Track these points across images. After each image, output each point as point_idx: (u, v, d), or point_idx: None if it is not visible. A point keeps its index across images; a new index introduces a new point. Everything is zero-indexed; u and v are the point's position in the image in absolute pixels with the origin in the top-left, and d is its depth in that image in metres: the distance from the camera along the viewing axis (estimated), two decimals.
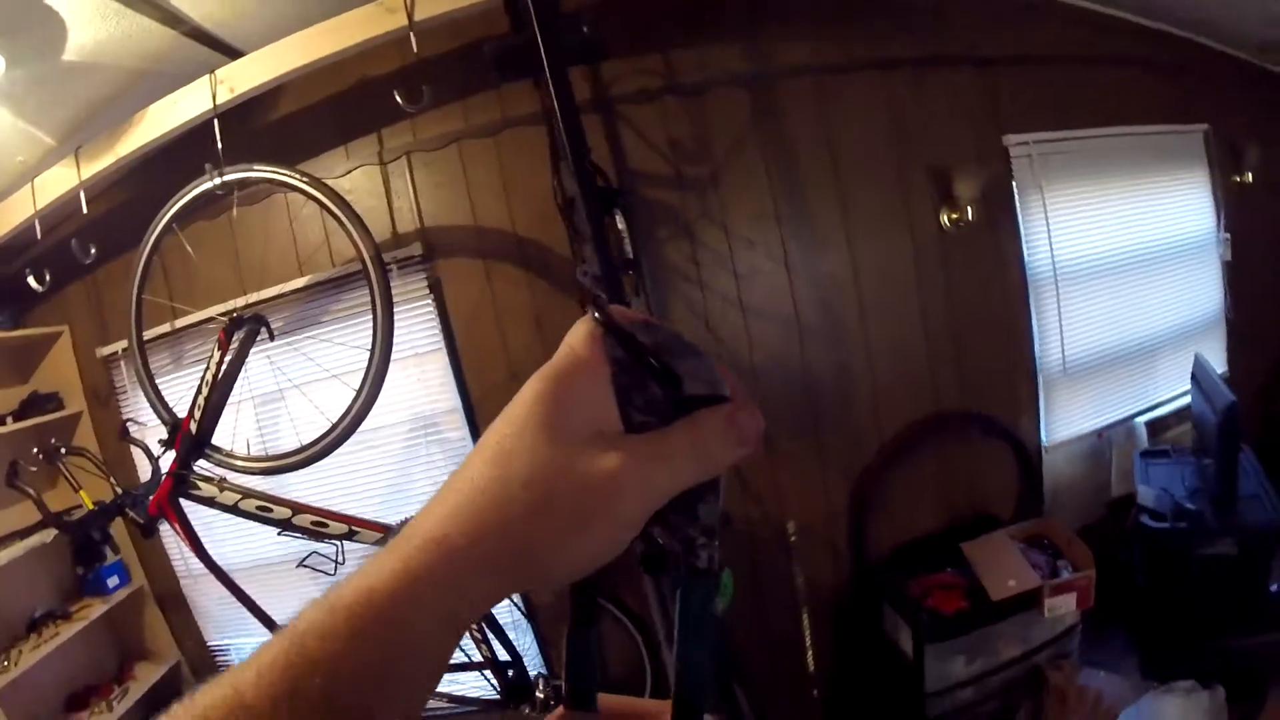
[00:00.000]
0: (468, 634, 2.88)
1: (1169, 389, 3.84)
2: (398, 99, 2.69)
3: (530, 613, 3.33)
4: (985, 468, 3.52)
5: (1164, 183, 3.83)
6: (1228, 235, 3.94)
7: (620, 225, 2.98)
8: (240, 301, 3.19)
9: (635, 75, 3.10)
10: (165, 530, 2.86)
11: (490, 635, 2.89)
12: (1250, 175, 4.01)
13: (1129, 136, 3.64)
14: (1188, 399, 3.58)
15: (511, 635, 2.95)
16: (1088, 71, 3.57)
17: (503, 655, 2.91)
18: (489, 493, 0.39)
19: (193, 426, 2.75)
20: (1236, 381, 3.47)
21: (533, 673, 3.01)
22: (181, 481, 2.74)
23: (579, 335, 0.43)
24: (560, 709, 0.45)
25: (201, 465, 2.79)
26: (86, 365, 3.58)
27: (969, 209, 3.27)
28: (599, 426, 0.40)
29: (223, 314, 3.12)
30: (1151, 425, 3.75)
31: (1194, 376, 3.34)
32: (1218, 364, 3.85)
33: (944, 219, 3.32)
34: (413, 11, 2.61)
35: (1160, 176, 3.81)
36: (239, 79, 2.80)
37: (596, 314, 0.43)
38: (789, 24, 3.16)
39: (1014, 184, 3.40)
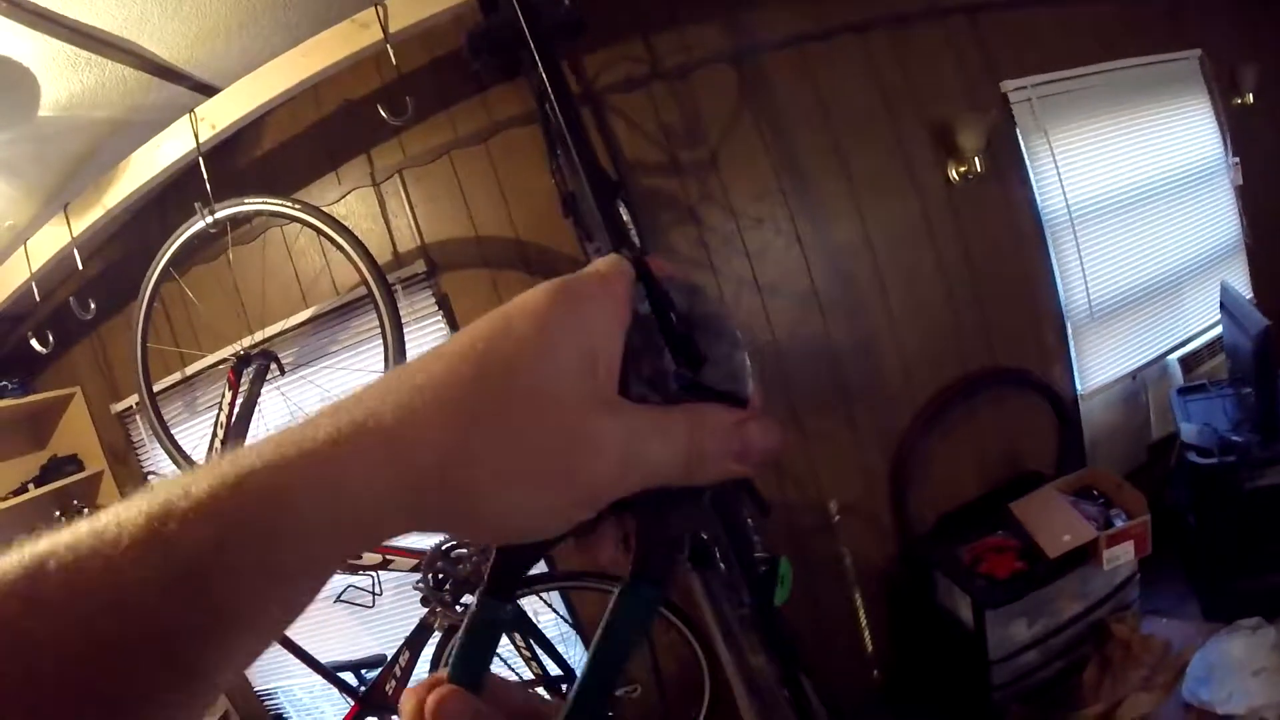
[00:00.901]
0: (516, 651, 2.82)
1: (1198, 322, 3.76)
2: (382, 113, 2.63)
3: (577, 624, 3.27)
4: (1023, 424, 3.44)
5: (1166, 112, 3.73)
6: (1237, 159, 3.84)
7: (624, 216, 2.92)
8: (247, 341, 3.13)
9: (619, 63, 3.04)
10: None
11: (539, 650, 2.84)
12: (1251, 97, 3.91)
13: (1126, 70, 3.55)
14: (1218, 330, 3.50)
15: (560, 648, 2.90)
16: (1078, 8, 3.48)
17: (554, 670, 2.85)
18: (446, 394, 0.31)
19: None
20: (1263, 306, 3.38)
21: None
22: None
23: (610, 263, 0.37)
24: (438, 676, 0.37)
25: None
26: (102, 423, 3.53)
27: (975, 161, 3.20)
28: (596, 373, 0.33)
29: (231, 356, 3.07)
30: (1185, 361, 3.67)
31: (1223, 305, 3.25)
32: (1244, 291, 3.76)
33: (951, 173, 3.24)
34: (386, 24, 2.55)
35: (1162, 106, 3.71)
36: (219, 115, 2.74)
37: (628, 252, 0.37)
38: None
39: (1017, 130, 3.32)
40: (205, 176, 2.74)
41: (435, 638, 2.74)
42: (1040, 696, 2.89)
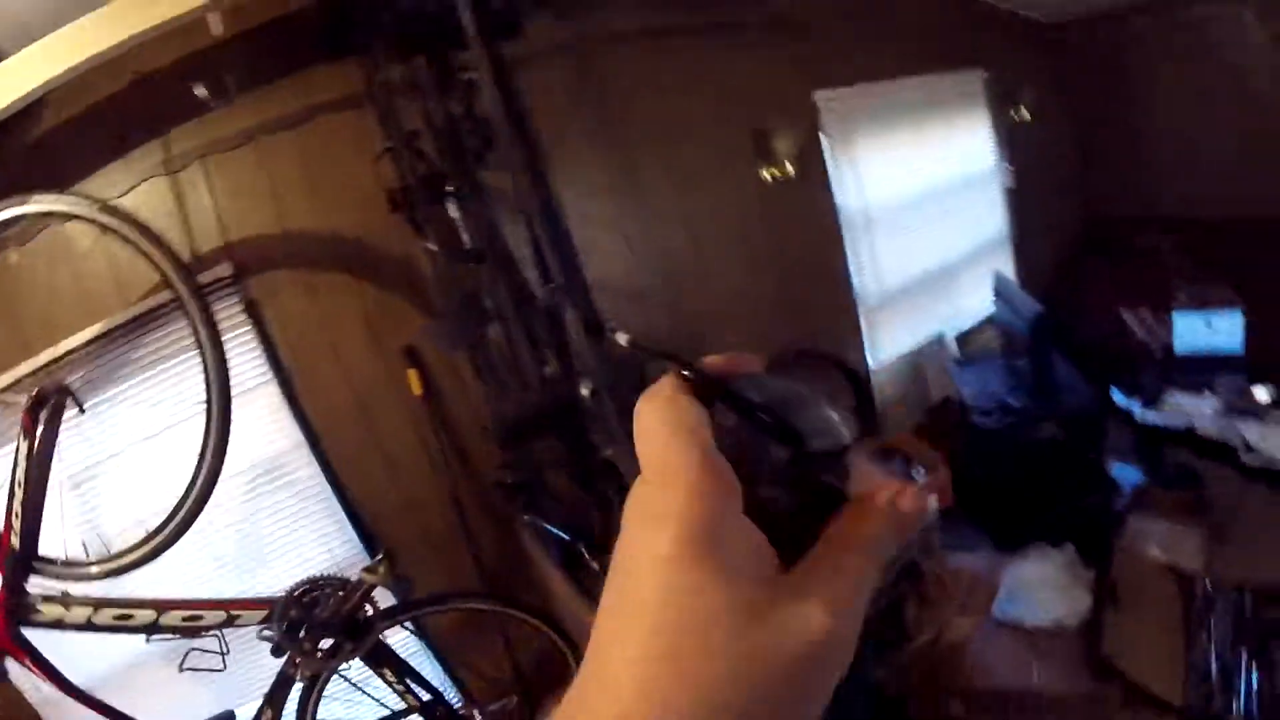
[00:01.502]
0: (389, 687, 2.64)
1: (970, 304, 4.27)
2: (199, 93, 2.35)
3: (421, 631, 3.10)
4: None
5: (954, 123, 4.26)
6: (1010, 166, 4.43)
7: (454, 214, 2.82)
8: (27, 366, 2.63)
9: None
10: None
11: (409, 681, 2.67)
12: (1025, 113, 4.50)
13: (921, 87, 4.00)
14: (989, 310, 4.04)
15: (425, 671, 2.77)
16: (885, 25, 3.86)
17: (425, 695, 2.70)
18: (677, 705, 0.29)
19: (14, 540, 2.23)
20: (1029, 285, 3.97)
21: (458, 705, 2.83)
22: (17, 610, 2.20)
23: (676, 429, 0.33)
24: None
25: (36, 583, 2.27)
26: None
27: (788, 164, 3.45)
28: (761, 565, 0.32)
29: (11, 386, 2.56)
30: (959, 337, 4.19)
31: (997, 291, 3.77)
32: (1011, 273, 4.38)
33: (766, 175, 3.48)
34: None
35: (950, 119, 4.24)
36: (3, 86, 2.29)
37: (690, 373, 0.36)
38: None
39: (823, 136, 3.62)
40: None
41: (298, 688, 2.49)
42: (870, 632, 3.18)
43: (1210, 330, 3.76)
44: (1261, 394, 3.46)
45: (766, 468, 0.35)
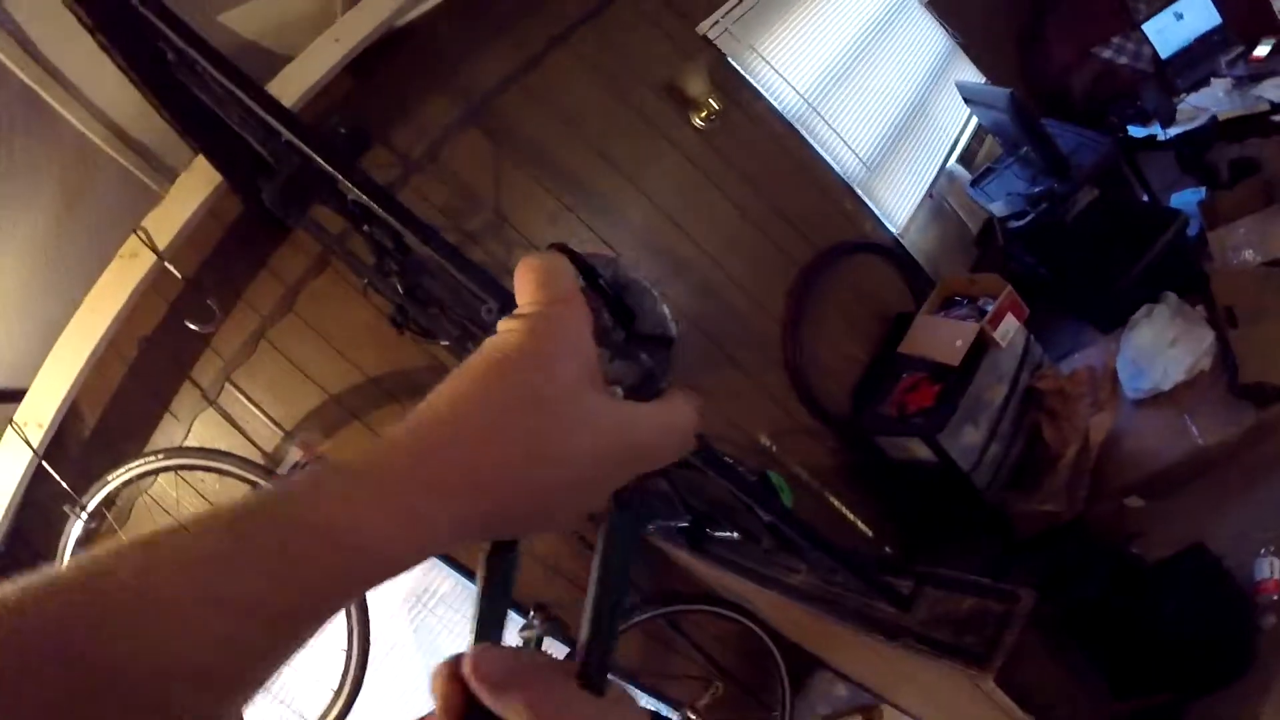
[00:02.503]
0: None
1: (955, 125, 4.17)
2: (192, 327, 2.62)
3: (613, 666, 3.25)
4: (869, 283, 3.75)
5: None
6: None
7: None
8: None
9: (373, 174, 3.12)
10: None
11: None
12: None
13: None
14: (974, 122, 3.91)
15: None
16: None
17: None
18: (467, 407, 0.35)
19: None
20: (998, 80, 3.82)
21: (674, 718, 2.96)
22: None
23: (560, 271, 0.40)
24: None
25: None
26: None
27: (710, 101, 3.48)
28: (593, 374, 0.38)
29: None
30: (963, 160, 4.07)
31: (967, 100, 3.66)
32: (976, 78, 4.23)
33: (696, 121, 3.51)
34: (154, 243, 2.56)
35: None
36: (40, 412, 2.64)
37: (557, 245, 0.44)
38: (475, 51, 3.27)
39: (729, 59, 3.62)
40: (58, 479, 2.63)
41: None
42: (1022, 474, 3.11)
43: (1183, 20, 3.53)
44: (1263, 50, 3.21)
45: (606, 338, 0.40)
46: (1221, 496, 2.67)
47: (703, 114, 3.50)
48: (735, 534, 2.36)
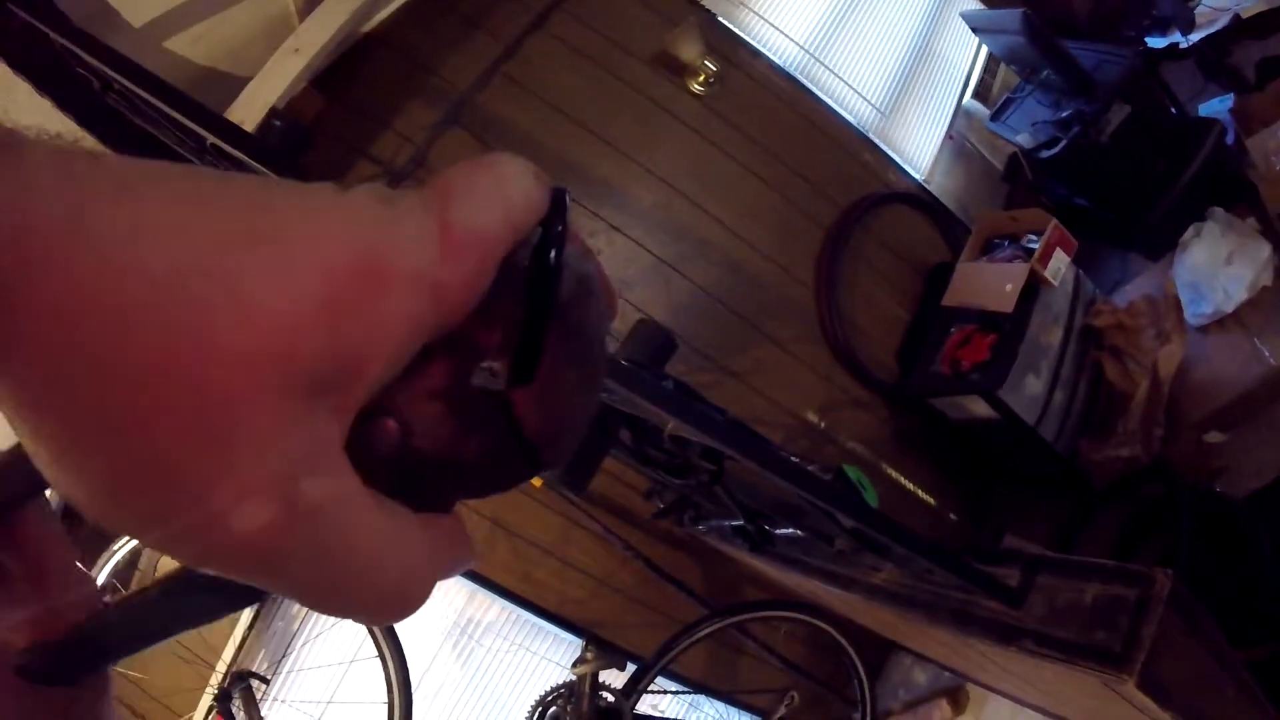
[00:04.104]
0: None
1: (965, 59, 3.94)
2: None
3: (685, 681, 3.06)
4: (901, 236, 3.53)
5: None
6: None
7: None
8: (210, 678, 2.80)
9: (357, 181, 2.92)
10: None
11: None
12: None
13: None
14: (985, 52, 3.68)
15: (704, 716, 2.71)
16: None
17: None
18: None
19: None
20: (1001, 5, 3.58)
21: None
22: None
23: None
24: None
25: None
26: None
27: (706, 65, 3.25)
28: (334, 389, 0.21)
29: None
30: (978, 95, 3.84)
31: (974, 29, 3.42)
32: (978, 5, 3.97)
33: (693, 87, 3.29)
34: None
35: None
36: None
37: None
38: (447, 48, 3.07)
39: (719, 19, 3.40)
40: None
41: None
42: (1092, 420, 2.92)
43: None
44: None
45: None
46: None
47: (699, 79, 3.27)
48: (799, 531, 2.17)
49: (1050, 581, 1.62)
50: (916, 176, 3.60)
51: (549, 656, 3.02)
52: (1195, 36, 3.33)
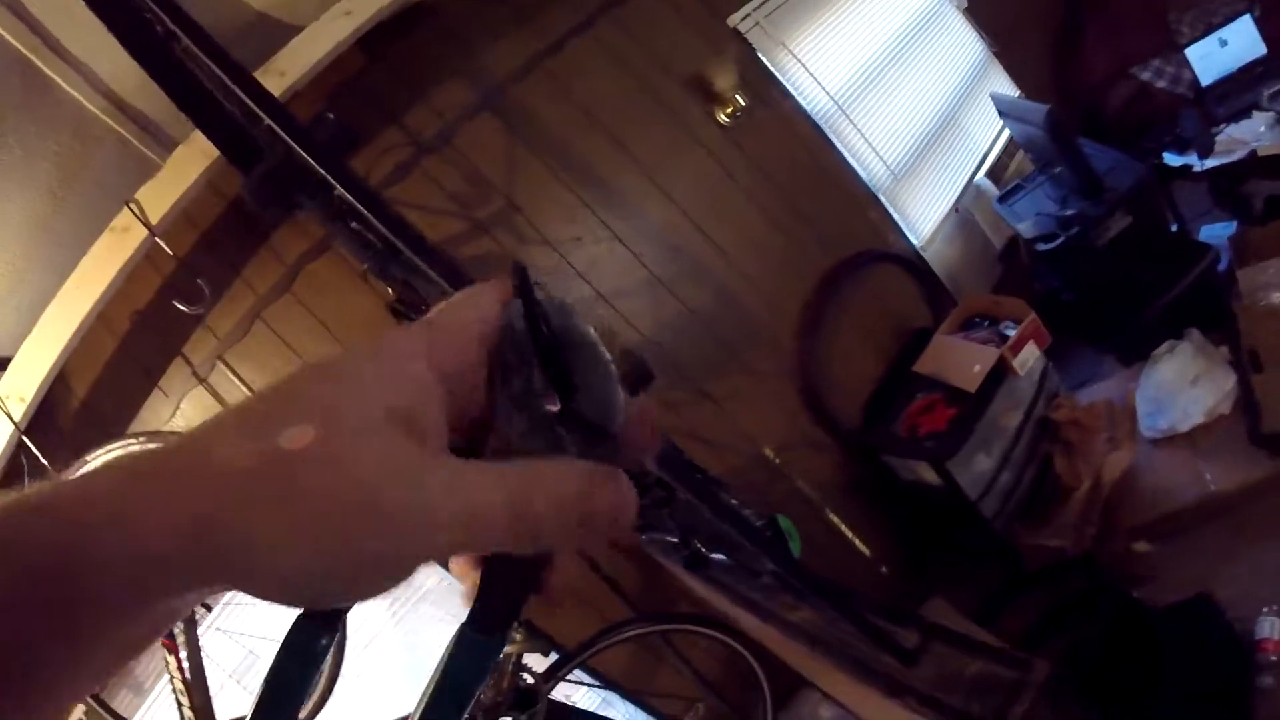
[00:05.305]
0: None
1: (985, 138, 4.05)
2: (181, 308, 2.53)
3: (599, 677, 3.18)
4: (889, 295, 3.64)
5: None
6: None
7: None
8: None
9: (382, 157, 3.00)
10: None
11: None
12: None
13: None
14: (1006, 135, 3.79)
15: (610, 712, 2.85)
16: None
17: None
18: (234, 430, 0.30)
19: None
20: (1032, 95, 3.69)
21: None
22: None
23: (468, 301, 0.37)
24: None
25: None
26: None
27: (737, 97, 3.35)
28: (412, 430, 0.31)
29: None
30: (991, 174, 3.95)
31: (1001, 113, 3.53)
32: (1010, 90, 4.10)
33: (720, 117, 3.39)
34: (146, 218, 2.46)
35: None
36: (23, 385, 2.57)
37: (516, 265, 0.36)
38: (492, 34, 3.15)
39: (759, 54, 3.50)
40: (38, 453, 2.55)
41: None
42: (1032, 505, 3.04)
43: (1227, 47, 3.41)
44: None
45: (518, 385, 0.35)
46: (1231, 547, 2.62)
47: (728, 110, 3.37)
48: (730, 560, 2.30)
49: (943, 650, 1.76)
50: (915, 242, 3.70)
51: None
52: (1211, 162, 3.44)
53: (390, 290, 2.76)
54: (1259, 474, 2.62)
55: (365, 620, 3.05)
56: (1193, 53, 3.58)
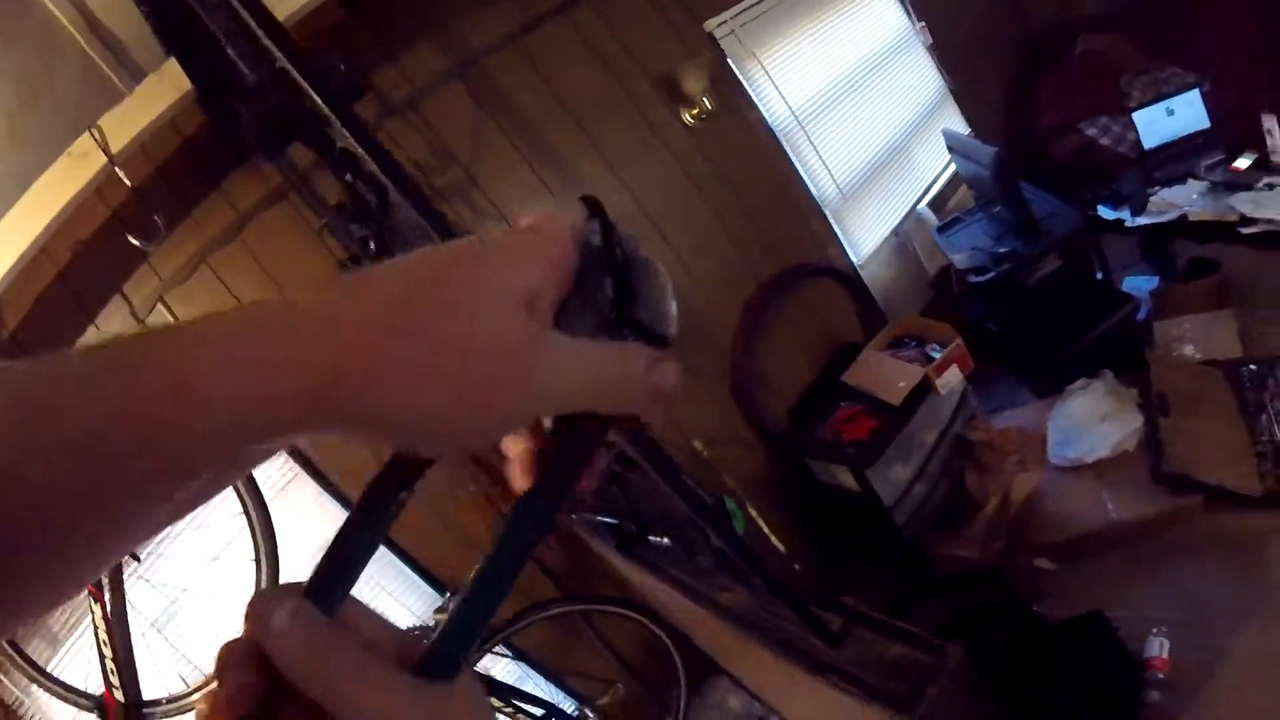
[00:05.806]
0: (500, 712, 2.78)
1: (932, 170, 4.24)
2: (134, 242, 2.48)
3: (519, 653, 3.22)
4: (825, 307, 3.80)
5: (851, 2, 4.13)
6: (922, 23, 4.32)
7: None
8: None
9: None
10: None
11: (516, 702, 2.83)
12: None
13: None
14: (952, 170, 3.97)
15: (529, 687, 2.95)
16: None
17: (538, 711, 2.85)
18: (369, 292, 0.35)
19: (118, 695, 2.42)
20: (982, 135, 3.88)
21: (571, 709, 2.97)
22: None
23: (558, 216, 0.40)
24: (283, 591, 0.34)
25: None
26: None
27: (704, 100, 3.44)
28: (532, 305, 0.36)
29: None
30: (933, 205, 4.13)
31: (950, 149, 3.71)
32: (962, 128, 4.30)
33: (686, 118, 3.48)
34: (107, 145, 2.40)
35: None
36: None
37: (586, 197, 0.42)
38: (473, 2, 3.17)
39: (730, 60, 3.60)
40: None
41: None
42: (943, 516, 3.21)
43: (1173, 116, 3.65)
44: (1244, 163, 3.35)
45: (589, 294, 0.39)
46: (1127, 572, 2.80)
47: (694, 112, 3.47)
48: (668, 542, 2.37)
49: (865, 634, 1.88)
50: (854, 259, 3.86)
51: (404, 602, 3.14)
52: (1143, 220, 3.64)
53: (346, 248, 2.78)
54: (1158, 509, 2.81)
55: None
56: (1140, 117, 3.79)
